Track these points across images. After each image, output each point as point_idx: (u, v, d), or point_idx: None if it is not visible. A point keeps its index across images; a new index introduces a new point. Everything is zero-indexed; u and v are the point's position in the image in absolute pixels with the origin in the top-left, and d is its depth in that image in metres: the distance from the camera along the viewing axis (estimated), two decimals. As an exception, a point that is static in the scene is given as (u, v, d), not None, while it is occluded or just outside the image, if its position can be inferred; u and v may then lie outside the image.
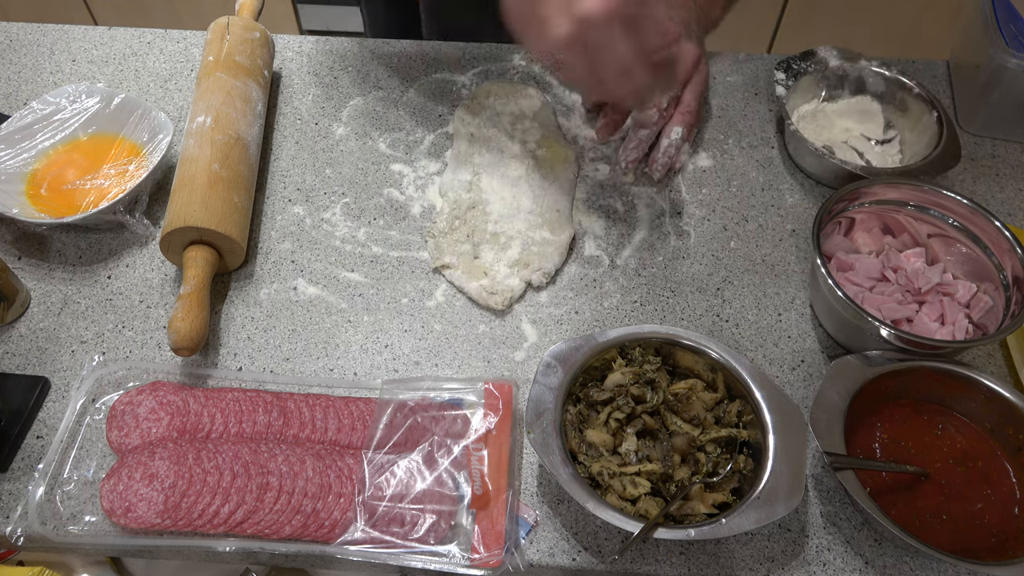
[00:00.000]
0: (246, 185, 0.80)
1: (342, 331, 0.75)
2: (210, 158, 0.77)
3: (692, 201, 0.84)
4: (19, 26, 1.01)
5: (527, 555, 0.62)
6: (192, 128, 0.80)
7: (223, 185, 0.76)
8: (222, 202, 0.75)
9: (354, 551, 0.61)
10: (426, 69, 0.97)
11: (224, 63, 0.86)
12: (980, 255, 0.73)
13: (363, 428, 0.67)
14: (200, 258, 0.73)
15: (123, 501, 0.62)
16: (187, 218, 0.73)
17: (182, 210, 0.73)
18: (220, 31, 0.89)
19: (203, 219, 0.73)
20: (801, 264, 0.79)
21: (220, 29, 0.89)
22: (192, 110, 0.83)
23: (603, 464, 0.62)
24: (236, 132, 0.81)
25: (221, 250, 0.75)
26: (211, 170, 0.76)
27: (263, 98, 0.88)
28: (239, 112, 0.82)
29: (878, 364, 0.66)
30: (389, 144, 0.89)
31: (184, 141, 0.80)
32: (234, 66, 0.86)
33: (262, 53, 0.91)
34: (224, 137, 0.79)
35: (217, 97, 0.82)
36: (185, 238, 0.74)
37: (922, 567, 0.62)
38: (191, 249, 0.74)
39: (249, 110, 0.84)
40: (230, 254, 0.76)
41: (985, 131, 0.90)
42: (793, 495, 0.59)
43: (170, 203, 0.76)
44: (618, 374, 0.67)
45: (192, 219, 0.72)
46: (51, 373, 0.72)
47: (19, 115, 0.84)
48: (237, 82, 0.84)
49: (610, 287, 0.78)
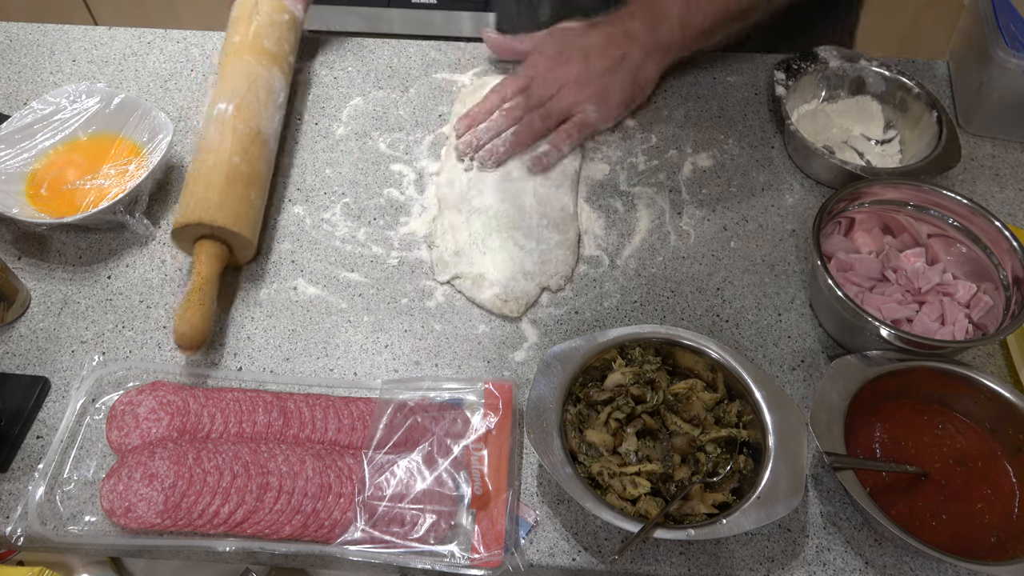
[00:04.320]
0: (263, 182, 0.79)
1: (342, 331, 0.75)
2: (230, 150, 0.76)
3: (692, 201, 0.84)
4: (19, 26, 1.01)
5: (527, 555, 0.62)
6: (213, 114, 0.79)
7: (242, 182, 0.76)
8: (239, 200, 0.74)
9: (354, 551, 0.61)
10: (426, 69, 0.97)
11: (251, 45, 0.83)
12: (980, 255, 0.73)
13: (363, 428, 0.67)
14: (210, 253, 0.73)
15: (123, 501, 0.62)
16: (202, 214, 0.72)
17: (198, 204, 0.73)
18: (248, 9, 0.86)
19: (219, 217, 0.72)
20: (801, 264, 0.79)
21: (248, 7, 0.86)
22: (212, 93, 0.81)
23: (603, 464, 0.62)
24: (257, 125, 0.79)
25: (232, 246, 0.75)
26: (231, 163, 0.75)
27: (286, 89, 0.86)
28: (262, 103, 0.80)
29: (878, 364, 0.66)
30: (389, 144, 0.89)
31: (204, 126, 0.79)
32: (260, 50, 0.83)
33: (289, 38, 0.87)
34: (245, 128, 0.78)
35: (242, 84, 0.80)
36: (197, 232, 0.74)
37: (922, 567, 0.62)
38: (202, 243, 0.74)
39: (271, 102, 0.82)
40: (241, 250, 0.76)
41: (985, 131, 0.90)
42: (793, 495, 0.59)
43: (185, 191, 0.75)
44: (618, 374, 0.67)
45: (208, 216, 0.72)
46: (51, 373, 0.72)
47: (19, 115, 0.84)
48: (262, 70, 0.82)
49: (610, 287, 0.78)
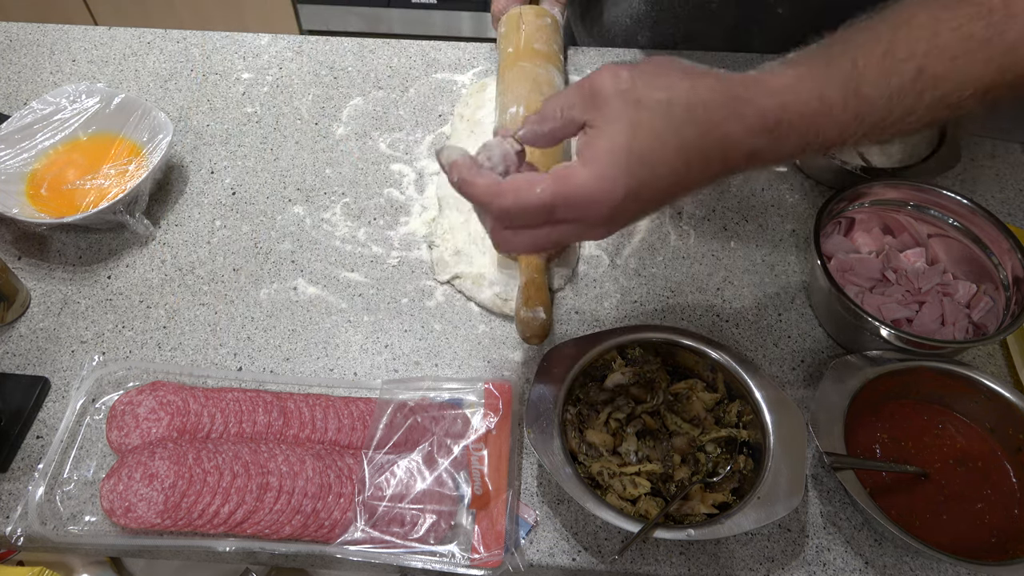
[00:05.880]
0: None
1: (342, 331, 0.75)
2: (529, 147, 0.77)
3: (692, 201, 0.84)
4: (19, 26, 1.01)
5: (527, 555, 0.62)
6: (505, 119, 0.81)
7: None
8: None
9: (354, 551, 0.61)
10: (426, 69, 0.97)
11: (524, 52, 0.86)
12: (980, 255, 0.73)
13: (363, 428, 0.67)
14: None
15: (123, 501, 0.62)
16: None
17: None
18: (514, 22, 0.89)
19: None
20: (801, 264, 0.79)
21: (513, 20, 0.89)
22: (500, 102, 0.83)
23: (603, 464, 0.62)
24: None
25: None
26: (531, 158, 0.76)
27: (564, 82, 0.88)
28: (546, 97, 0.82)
29: (878, 364, 0.66)
30: (389, 144, 0.89)
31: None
32: (533, 53, 0.86)
33: (556, 38, 0.90)
34: None
35: (524, 86, 0.82)
36: None
37: (922, 567, 0.62)
38: None
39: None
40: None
41: (985, 131, 0.89)
42: (793, 495, 0.59)
43: None
44: (618, 374, 0.67)
45: None
46: (51, 373, 0.72)
47: (19, 115, 0.84)
48: (540, 69, 0.84)
49: (610, 287, 0.78)
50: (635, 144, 0.48)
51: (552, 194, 0.48)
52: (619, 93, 0.48)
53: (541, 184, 0.49)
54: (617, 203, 0.48)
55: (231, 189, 0.86)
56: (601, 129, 0.49)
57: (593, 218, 0.50)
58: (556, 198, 0.48)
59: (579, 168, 0.48)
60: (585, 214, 0.49)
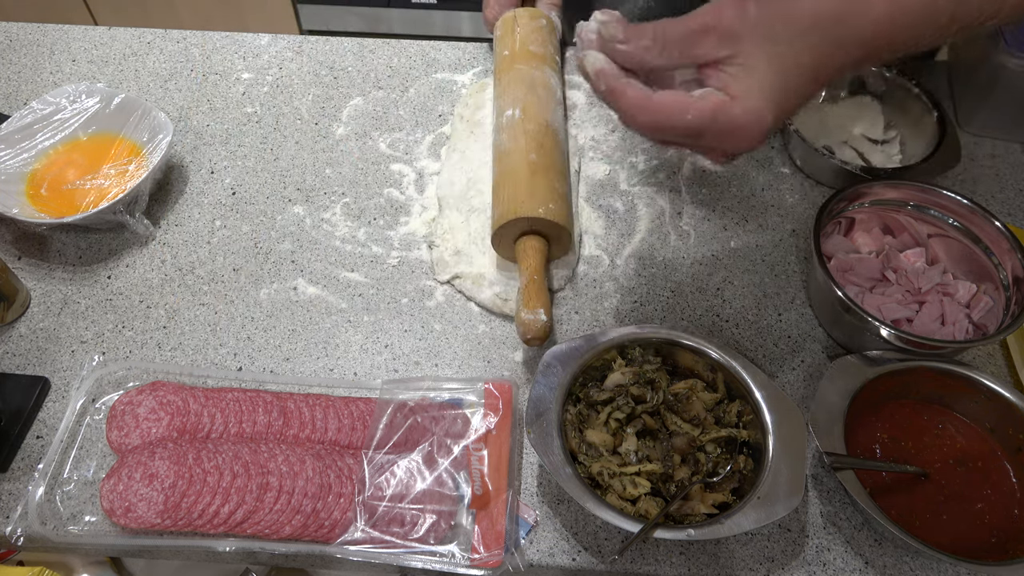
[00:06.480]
0: (562, 171, 0.79)
1: (342, 331, 0.75)
2: (525, 148, 0.77)
3: (692, 201, 0.84)
4: (19, 26, 1.01)
5: (527, 555, 0.62)
6: (502, 122, 0.80)
7: (543, 173, 0.75)
8: (545, 190, 0.74)
9: (354, 551, 0.61)
10: (426, 69, 0.97)
11: (520, 54, 0.86)
12: (980, 255, 0.73)
13: (363, 428, 0.67)
14: (531, 247, 0.73)
15: (123, 501, 0.62)
16: (516, 209, 0.72)
17: (510, 203, 0.73)
18: (509, 24, 0.89)
19: (530, 208, 0.72)
20: (801, 264, 0.79)
21: (508, 23, 0.90)
22: (497, 105, 0.83)
23: (603, 464, 0.62)
24: (544, 120, 0.80)
25: (549, 238, 0.75)
26: (529, 160, 0.76)
27: (561, 84, 0.89)
28: (543, 101, 0.82)
29: (878, 364, 0.66)
30: (389, 144, 0.89)
31: (496, 136, 0.81)
32: (529, 55, 0.86)
33: (551, 39, 0.90)
34: (535, 127, 0.79)
35: (520, 88, 0.82)
36: (516, 230, 0.74)
37: (922, 567, 0.62)
38: (521, 241, 0.74)
39: (551, 97, 0.83)
40: (557, 242, 0.75)
41: (985, 131, 0.90)
42: (793, 495, 0.59)
43: (495, 199, 0.76)
44: (618, 374, 0.67)
45: (521, 210, 0.72)
46: (51, 373, 0.72)
47: (19, 115, 0.84)
48: (536, 71, 0.84)
49: (610, 287, 0.78)
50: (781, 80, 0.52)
51: (703, 122, 0.51)
52: (751, 29, 0.51)
53: (693, 111, 0.51)
54: (765, 132, 0.52)
55: (231, 189, 0.86)
56: (744, 66, 0.52)
57: (737, 144, 0.54)
58: (706, 126, 0.51)
59: (729, 103, 0.51)
60: (730, 141, 0.53)
